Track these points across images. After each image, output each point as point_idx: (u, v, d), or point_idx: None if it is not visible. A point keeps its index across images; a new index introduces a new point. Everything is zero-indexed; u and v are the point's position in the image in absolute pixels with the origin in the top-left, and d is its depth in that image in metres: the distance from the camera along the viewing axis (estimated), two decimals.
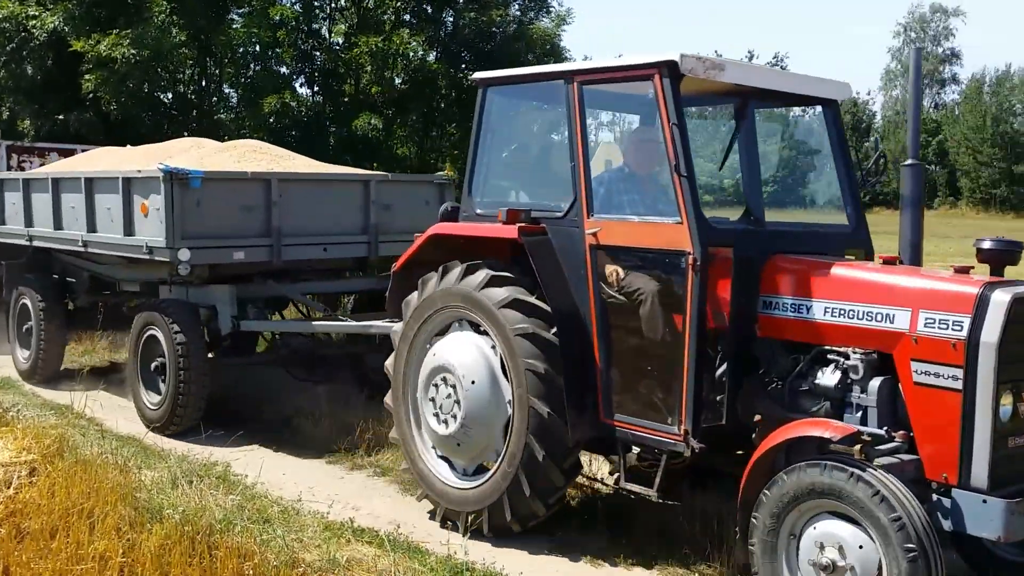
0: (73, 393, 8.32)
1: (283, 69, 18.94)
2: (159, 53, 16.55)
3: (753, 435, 5.16)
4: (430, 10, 19.44)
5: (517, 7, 20.54)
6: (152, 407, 8.60)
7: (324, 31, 19.59)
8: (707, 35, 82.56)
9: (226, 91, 20.44)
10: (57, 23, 16.66)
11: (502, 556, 5.69)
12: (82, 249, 9.33)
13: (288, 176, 8.92)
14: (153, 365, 8.68)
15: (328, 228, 9.00)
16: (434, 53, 19.30)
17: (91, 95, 16.88)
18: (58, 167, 11.48)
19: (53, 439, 6.53)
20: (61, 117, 17.87)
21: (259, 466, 6.96)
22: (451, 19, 19.70)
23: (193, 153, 9.62)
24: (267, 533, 5.52)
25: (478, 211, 6.41)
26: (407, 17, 19.40)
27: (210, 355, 8.86)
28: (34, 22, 16.81)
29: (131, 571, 4.83)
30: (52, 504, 5.50)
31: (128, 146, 11.71)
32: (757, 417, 5.20)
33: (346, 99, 18.77)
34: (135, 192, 8.46)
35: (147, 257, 8.33)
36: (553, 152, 7.06)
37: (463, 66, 19.17)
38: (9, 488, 5.97)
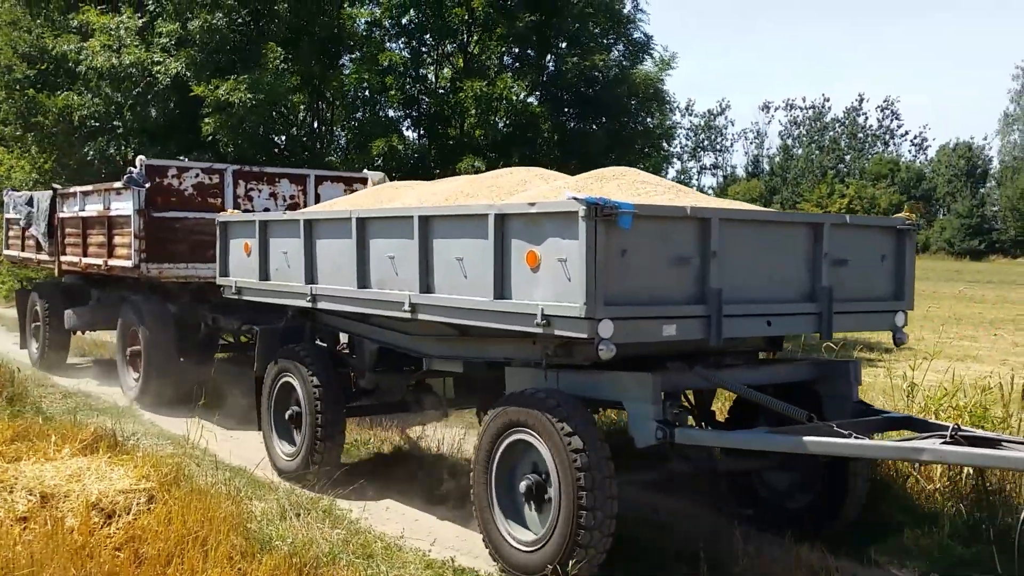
0: (188, 422, 8.64)
1: (391, 112, 19.49)
2: (273, 97, 17.24)
3: None
4: (532, 54, 19.80)
5: (619, 52, 20.73)
6: (287, 457, 8.30)
7: (431, 76, 20.10)
8: (814, 76, 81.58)
9: (336, 133, 21.13)
10: (180, 68, 17.49)
11: None
12: (406, 315, 6.78)
13: (731, 215, 6.19)
14: (288, 413, 8.31)
15: (772, 292, 6.28)
16: (536, 97, 19.60)
17: (210, 137, 17.63)
18: (344, 204, 8.74)
19: (170, 468, 6.80)
20: (183, 158, 18.70)
21: (363, 503, 7.13)
22: (553, 63, 20.01)
23: (545, 185, 7.01)
24: (371, 568, 5.64)
25: None
26: (509, 60, 19.79)
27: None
28: (159, 68, 17.68)
29: None
30: (168, 531, 5.74)
31: (411, 180, 10.91)
32: None
33: (451, 142, 19.19)
34: (515, 235, 5.95)
35: (537, 330, 5.77)
36: None
37: (565, 109, 19.41)
38: (129, 514, 6.26)
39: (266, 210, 11.60)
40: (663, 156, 22.39)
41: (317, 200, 11.81)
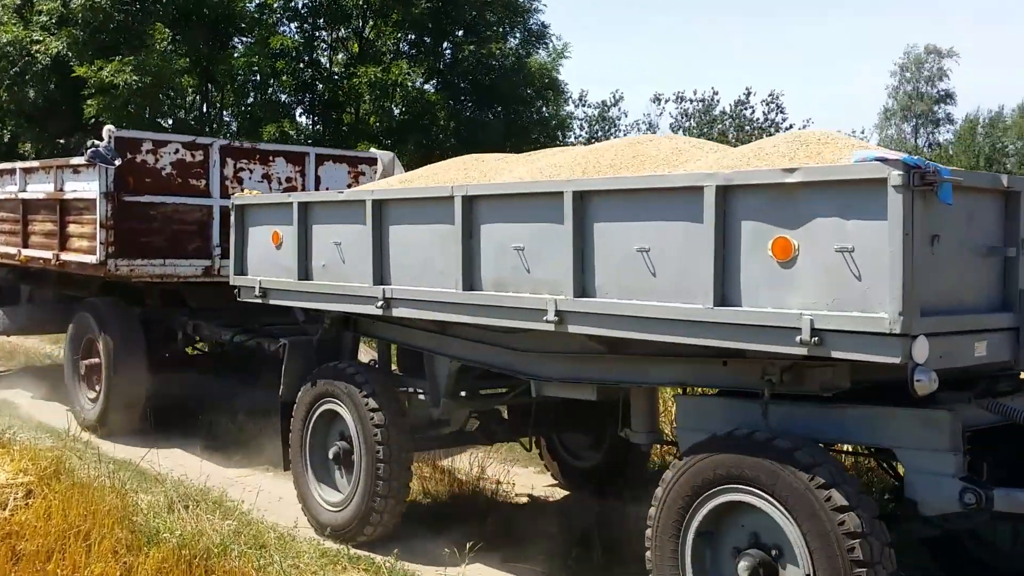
0: (69, 415, 8.32)
1: (283, 97, 19.14)
2: (161, 80, 16.71)
3: None
4: (429, 41, 19.70)
5: (516, 41, 20.80)
6: (333, 508, 6.50)
7: (324, 61, 19.81)
8: (703, 70, 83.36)
9: (226, 118, 20.64)
10: (61, 48, 16.84)
11: None
12: (547, 326, 4.95)
13: None
14: (332, 452, 6.56)
15: None
16: (432, 85, 19.52)
17: (93, 120, 16.99)
18: (400, 183, 6.85)
19: (50, 461, 6.54)
20: (62, 141, 17.98)
21: (255, 492, 6.98)
22: (450, 51, 19.95)
23: (711, 155, 5.17)
24: (264, 558, 5.53)
25: None
26: (405, 47, 19.65)
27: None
28: (38, 47, 16.99)
29: None
30: (48, 526, 5.52)
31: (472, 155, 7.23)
32: None
33: (345, 128, 18.95)
34: (749, 215, 4.22)
35: (797, 350, 4.04)
36: None
37: (462, 97, 19.38)
38: (5, 510, 5.99)
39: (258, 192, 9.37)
40: (559, 145, 22.57)
41: (318, 184, 9.84)
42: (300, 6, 19.49)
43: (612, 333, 4.74)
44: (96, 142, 8.80)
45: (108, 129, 8.91)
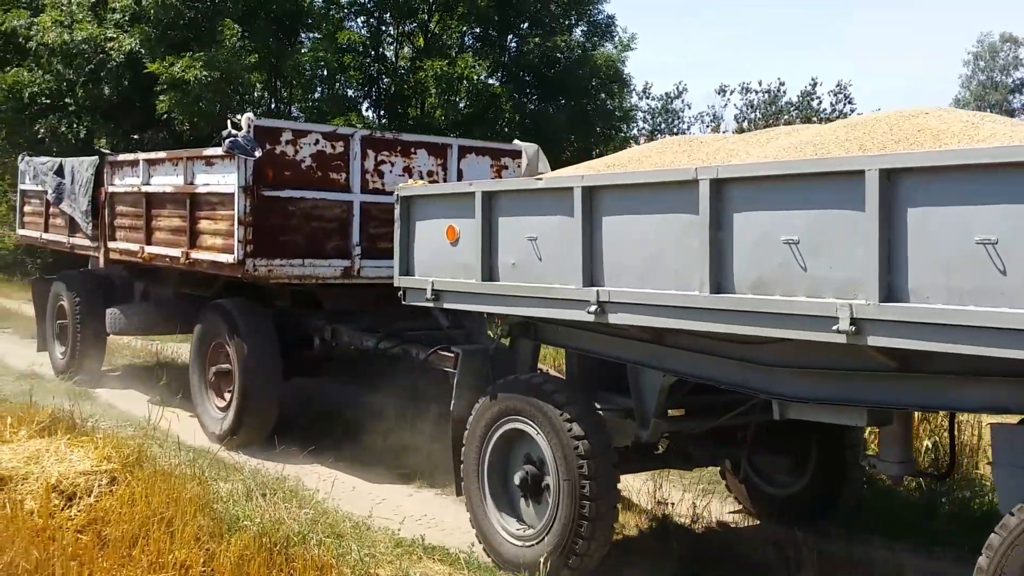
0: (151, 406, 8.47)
1: (349, 92, 19.29)
2: (230, 75, 16.96)
3: None
4: (494, 34, 19.71)
5: (581, 33, 20.71)
6: (519, 541, 5.75)
7: (390, 55, 19.93)
8: (772, 61, 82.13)
9: (294, 112, 20.87)
10: (134, 45, 17.16)
11: None
12: (840, 337, 4.02)
13: None
14: (517, 477, 5.82)
15: None
16: (496, 77, 19.53)
17: (165, 115, 17.30)
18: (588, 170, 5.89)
19: (132, 449, 6.66)
20: (136, 136, 18.35)
21: (330, 481, 7.05)
22: (515, 44, 19.93)
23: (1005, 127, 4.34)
24: (342, 547, 5.57)
25: None
26: (470, 40, 19.69)
27: None
28: (112, 44, 17.33)
29: None
30: (132, 512, 5.62)
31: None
32: None
33: (411, 122, 19.04)
34: None
35: None
36: None
37: (527, 90, 19.35)
38: (90, 496, 6.11)
39: None
40: (623, 138, 22.44)
41: (460, 178, 9.03)
42: (367, 1, 19.62)
43: (937, 347, 3.77)
44: (233, 132, 8.04)
45: (247, 117, 8.11)
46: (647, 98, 32.10)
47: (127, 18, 17.51)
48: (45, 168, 12.11)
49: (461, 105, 18.66)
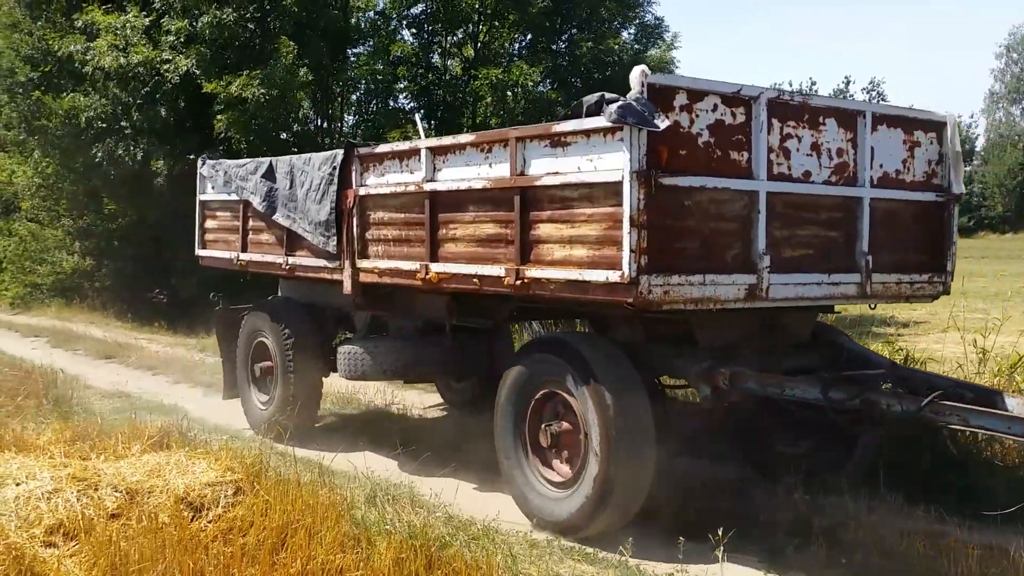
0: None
1: (404, 103, 19.34)
2: (285, 92, 17.02)
3: None
4: (544, 40, 19.66)
5: (629, 35, 20.63)
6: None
7: (442, 65, 19.95)
8: (804, 59, 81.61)
9: (338, 127, 20.89)
10: (189, 66, 17.27)
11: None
12: None
13: None
14: None
15: None
16: (550, 82, 19.47)
17: (222, 135, 17.38)
18: None
19: (254, 460, 6.61)
20: (192, 156, 18.45)
21: (440, 487, 6.95)
22: (566, 49, 19.88)
23: None
24: (486, 550, 5.47)
25: None
26: (520, 48, 19.66)
27: None
28: (167, 66, 17.44)
29: None
30: (266, 521, 5.55)
31: None
32: None
33: (466, 131, 19.02)
34: None
35: None
36: None
37: (578, 95, 19.27)
38: (217, 507, 6.07)
39: (806, 171, 6.33)
40: None
41: (872, 156, 6.64)
42: (417, 13, 19.66)
43: None
44: (608, 95, 5.76)
45: (642, 70, 5.71)
46: None
47: (182, 40, 17.62)
48: (244, 172, 9.61)
49: (517, 112, 18.60)
